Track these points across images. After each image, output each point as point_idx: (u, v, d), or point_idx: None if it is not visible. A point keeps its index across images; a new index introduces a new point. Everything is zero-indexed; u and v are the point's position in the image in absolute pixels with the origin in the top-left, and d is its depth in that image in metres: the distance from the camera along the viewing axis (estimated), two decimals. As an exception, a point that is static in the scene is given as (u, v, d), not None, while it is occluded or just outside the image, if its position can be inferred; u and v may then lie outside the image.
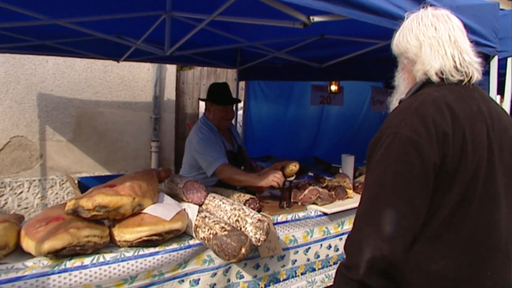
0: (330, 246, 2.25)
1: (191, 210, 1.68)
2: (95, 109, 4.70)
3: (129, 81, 4.94)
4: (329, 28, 2.92)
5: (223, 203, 1.75)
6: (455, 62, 1.11)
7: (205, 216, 1.62)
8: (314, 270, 2.20)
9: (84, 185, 2.83)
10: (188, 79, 5.75)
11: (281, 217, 2.00)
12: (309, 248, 2.14)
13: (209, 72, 5.95)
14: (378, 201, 1.02)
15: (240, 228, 1.56)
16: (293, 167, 2.04)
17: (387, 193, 1.01)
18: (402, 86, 1.24)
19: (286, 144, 5.46)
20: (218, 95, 2.58)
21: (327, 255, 2.25)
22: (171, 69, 5.30)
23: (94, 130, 4.75)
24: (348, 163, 2.88)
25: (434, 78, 1.12)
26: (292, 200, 2.15)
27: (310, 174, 3.03)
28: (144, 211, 1.54)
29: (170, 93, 5.37)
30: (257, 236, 1.53)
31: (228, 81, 6.15)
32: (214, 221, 1.56)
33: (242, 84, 5.09)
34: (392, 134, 1.04)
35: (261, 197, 2.26)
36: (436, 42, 1.12)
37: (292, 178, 2.08)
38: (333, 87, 4.32)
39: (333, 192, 2.27)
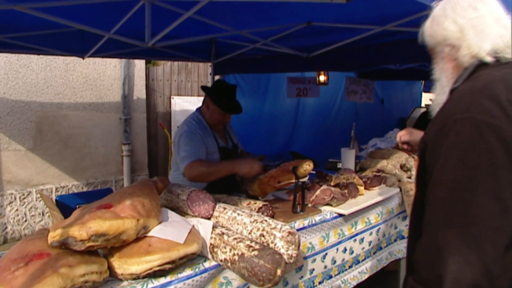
0: (345, 250, 2.07)
1: (203, 226, 1.41)
2: (58, 112, 4.21)
3: (95, 79, 4.48)
4: (317, 15, 2.72)
5: (238, 214, 1.49)
6: (504, 39, 1.00)
7: (222, 233, 1.36)
8: (331, 277, 2.01)
9: (63, 205, 2.42)
10: (158, 75, 5.35)
11: (298, 224, 1.77)
12: (326, 254, 1.95)
13: (180, 67, 5.58)
14: (456, 200, 0.87)
15: (268, 244, 1.32)
16: (307, 166, 1.82)
17: (466, 189, 0.86)
18: (443, 78, 1.12)
19: (264, 140, 5.25)
20: (224, 98, 2.36)
21: (343, 259, 2.07)
22: (140, 65, 4.89)
23: (58, 136, 4.26)
24: (349, 157, 2.71)
25: (489, 59, 1.00)
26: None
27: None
28: (150, 234, 1.25)
29: (140, 91, 4.97)
30: (289, 252, 1.29)
31: (201, 76, 5.84)
32: (235, 239, 1.30)
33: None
34: (459, 120, 0.89)
35: (267, 201, 2.02)
36: (478, 22, 1.01)
37: (305, 179, 1.86)
38: (322, 78, 4.13)
39: (345, 191, 2.08)
